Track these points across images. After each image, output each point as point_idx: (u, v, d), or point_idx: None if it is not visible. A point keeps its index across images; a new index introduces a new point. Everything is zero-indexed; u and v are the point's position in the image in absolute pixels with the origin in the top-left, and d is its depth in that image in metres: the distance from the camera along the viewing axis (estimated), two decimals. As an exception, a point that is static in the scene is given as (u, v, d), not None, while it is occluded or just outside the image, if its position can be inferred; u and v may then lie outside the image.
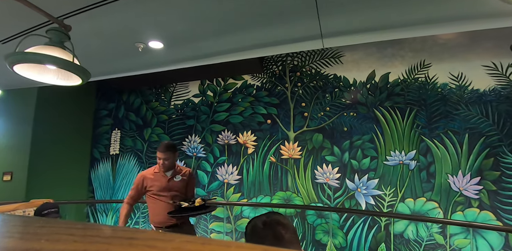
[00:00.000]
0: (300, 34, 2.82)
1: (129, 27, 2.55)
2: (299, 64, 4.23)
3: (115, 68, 3.40)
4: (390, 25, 2.69)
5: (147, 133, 4.65)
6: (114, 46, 2.88)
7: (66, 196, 4.25)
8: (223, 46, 3.05)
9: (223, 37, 2.85)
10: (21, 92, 4.04)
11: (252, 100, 4.28)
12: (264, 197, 3.91)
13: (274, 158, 3.98)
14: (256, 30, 2.77)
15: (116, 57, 3.09)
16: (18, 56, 1.63)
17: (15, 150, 3.88)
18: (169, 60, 3.20)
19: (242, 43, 2.99)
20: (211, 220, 4.03)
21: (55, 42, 1.84)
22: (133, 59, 3.14)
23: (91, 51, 2.98)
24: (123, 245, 0.36)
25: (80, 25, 2.48)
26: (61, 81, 1.99)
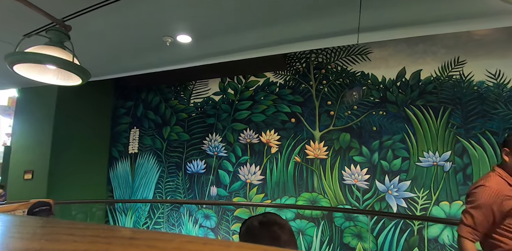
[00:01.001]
0: (336, 29, 2.70)
1: (158, 19, 2.44)
2: (323, 61, 4.09)
3: (139, 64, 3.30)
4: (432, 19, 2.55)
5: (166, 132, 4.56)
6: (140, 41, 2.79)
7: (86, 195, 4.18)
8: (252, 41, 2.94)
9: (253, 31, 2.74)
10: (41, 90, 3.98)
11: (275, 98, 4.16)
12: (288, 198, 3.79)
13: (299, 158, 3.86)
14: (289, 24, 2.65)
15: (141, 52, 3.00)
16: (18, 56, 1.62)
17: (36, 149, 3.82)
18: (196, 55, 3.09)
19: (272, 37, 2.88)
20: (233, 221, 3.93)
21: (55, 42, 1.83)
22: (159, 55, 3.05)
23: (114, 46, 2.90)
24: (123, 245, 0.36)
25: (104, 19, 2.39)
26: (61, 81, 1.98)
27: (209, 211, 4.07)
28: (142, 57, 3.12)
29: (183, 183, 4.29)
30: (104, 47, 2.94)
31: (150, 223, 4.31)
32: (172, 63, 3.26)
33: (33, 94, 4.03)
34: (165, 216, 4.26)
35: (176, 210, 4.22)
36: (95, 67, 3.45)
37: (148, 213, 4.36)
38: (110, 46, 2.91)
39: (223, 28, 2.63)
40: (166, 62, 3.24)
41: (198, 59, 3.15)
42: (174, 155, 4.43)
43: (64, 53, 1.79)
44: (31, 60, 1.65)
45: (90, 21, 2.42)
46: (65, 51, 1.82)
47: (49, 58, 1.64)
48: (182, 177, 4.32)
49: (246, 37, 2.83)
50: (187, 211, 4.17)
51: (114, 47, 2.92)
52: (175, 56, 3.07)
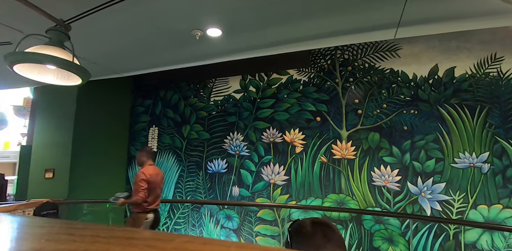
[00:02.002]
0: (374, 23, 2.56)
1: (187, 12, 2.32)
2: (350, 58, 3.95)
3: (165, 60, 3.20)
4: (474, 14, 2.40)
5: (186, 130, 4.47)
6: (167, 35, 2.67)
7: (105, 194, 4.10)
8: (284, 35, 2.81)
9: (286, 25, 2.61)
10: (61, 88, 3.88)
11: (299, 96, 4.03)
12: (314, 199, 3.67)
13: (325, 158, 3.73)
14: (324, 19, 2.52)
15: (168, 47, 2.89)
16: (18, 56, 1.62)
17: (57, 147, 3.75)
18: (224, 50, 2.98)
19: (305, 32, 2.75)
20: (257, 223, 3.82)
21: (55, 42, 1.83)
22: (186, 50, 2.94)
23: (140, 41, 2.79)
24: (123, 245, 0.36)
25: (130, 13, 2.29)
26: (61, 81, 1.98)
27: (231, 211, 3.97)
28: (168, 53, 3.02)
29: (203, 183, 4.19)
30: (128, 42, 2.84)
31: (170, 224, 4.23)
32: (200, 58, 3.16)
33: (53, 92, 3.96)
34: (186, 216, 4.17)
35: (196, 210, 4.13)
36: (118, 63, 3.38)
37: (167, 213, 4.27)
38: (135, 41, 2.81)
39: (255, 21, 2.51)
40: (193, 57, 3.13)
41: (227, 54, 3.04)
42: (194, 154, 4.33)
43: (64, 53, 1.79)
44: (31, 60, 1.65)
45: (112, 16, 2.32)
46: (65, 51, 1.82)
47: (49, 58, 1.64)
48: (202, 176, 4.22)
49: (278, 32, 2.71)
50: (208, 211, 4.08)
51: (139, 42, 2.82)
52: (203, 51, 2.96)
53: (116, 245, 0.37)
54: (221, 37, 2.68)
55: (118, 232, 0.43)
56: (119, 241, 0.38)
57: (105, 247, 0.36)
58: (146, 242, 0.37)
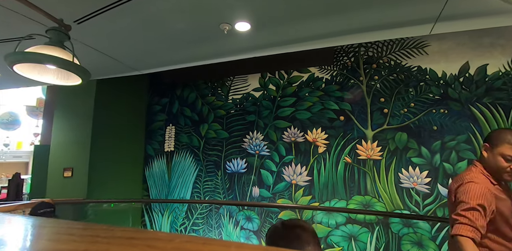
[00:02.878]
0: (413, 17, 2.43)
1: (218, 3, 2.22)
2: (374, 56, 3.83)
3: (190, 55, 3.11)
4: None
5: (203, 129, 4.38)
6: (195, 29, 2.57)
7: (122, 194, 4.05)
8: (314, 30, 2.70)
9: (317, 19, 2.50)
10: (80, 86, 3.84)
11: (321, 94, 3.92)
12: (339, 201, 3.55)
13: (349, 158, 3.61)
14: (358, 13, 2.41)
15: (195, 42, 2.78)
16: (18, 56, 1.62)
17: (76, 146, 3.69)
18: (250, 46, 2.88)
19: (337, 27, 2.63)
20: (278, 225, 3.71)
21: (55, 42, 1.84)
22: (211, 45, 2.84)
23: (166, 37, 2.70)
24: (123, 245, 0.36)
25: (155, 6, 2.20)
26: (61, 81, 1.99)
27: (251, 212, 3.88)
28: (193, 48, 2.92)
29: (222, 183, 4.10)
30: (152, 38, 2.75)
31: (188, 224, 4.15)
32: (224, 54, 3.06)
33: (71, 91, 3.90)
34: (204, 217, 4.08)
35: (215, 211, 4.04)
36: (139, 60, 3.29)
37: (185, 213, 4.19)
38: (160, 37, 2.72)
39: (286, 14, 2.40)
40: (217, 53, 3.03)
41: (252, 50, 2.94)
42: (212, 153, 4.24)
43: (64, 53, 1.80)
44: (31, 60, 1.65)
45: (136, 10, 2.23)
46: (65, 51, 1.83)
47: (49, 58, 1.65)
48: (221, 176, 4.13)
49: (308, 26, 2.60)
50: (227, 212, 3.99)
51: (163, 38, 2.73)
52: (229, 47, 2.86)
53: (116, 245, 0.37)
54: (249, 31, 2.58)
55: (118, 232, 0.42)
56: (119, 241, 0.38)
57: (105, 247, 0.36)
58: (146, 242, 0.37)
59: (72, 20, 2.33)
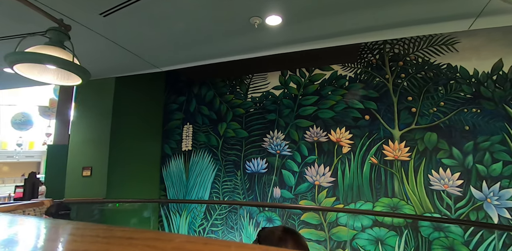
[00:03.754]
0: (454, 12, 2.30)
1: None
2: (401, 53, 3.70)
3: (214, 51, 3.00)
4: None
5: (222, 128, 4.29)
6: (224, 23, 2.46)
7: (140, 194, 3.97)
8: (347, 25, 2.58)
9: (353, 13, 2.38)
10: (98, 84, 3.78)
11: (344, 93, 3.80)
12: (364, 203, 3.43)
13: (375, 159, 3.49)
14: (397, 6, 2.29)
15: (222, 37, 2.67)
16: (17, 56, 1.62)
17: (95, 144, 3.62)
18: (279, 41, 2.76)
19: (372, 22, 2.51)
20: (300, 226, 3.61)
21: (55, 42, 1.84)
22: (239, 40, 2.72)
23: (192, 32, 2.59)
24: (123, 245, 0.37)
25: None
26: (61, 81, 1.99)
27: (272, 214, 3.77)
28: (220, 44, 2.81)
29: (242, 183, 4.00)
30: (177, 33, 2.65)
31: (206, 225, 4.06)
32: (251, 50, 2.95)
33: (89, 88, 3.83)
34: (223, 218, 3.99)
35: (234, 212, 3.95)
36: (161, 56, 3.20)
37: (204, 214, 4.11)
38: (185, 32, 2.62)
39: (321, 8, 2.28)
40: (244, 49, 2.92)
41: (281, 45, 2.83)
42: (231, 153, 4.15)
43: (64, 53, 1.80)
44: (31, 60, 1.64)
45: (161, 3, 2.14)
46: (65, 51, 1.82)
47: (49, 58, 1.65)
48: (240, 176, 4.03)
49: (342, 21, 2.48)
50: (247, 213, 3.89)
51: (189, 33, 2.63)
52: (257, 42, 2.75)
53: (116, 245, 0.37)
54: (280, 26, 2.47)
55: (118, 232, 0.43)
56: (119, 241, 0.38)
57: (105, 247, 0.36)
58: (146, 242, 0.37)
59: (98, 12, 2.24)
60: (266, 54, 2.95)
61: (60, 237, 0.44)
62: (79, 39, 2.65)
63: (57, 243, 0.39)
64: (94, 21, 2.35)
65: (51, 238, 0.43)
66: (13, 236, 0.44)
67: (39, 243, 0.38)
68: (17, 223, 0.55)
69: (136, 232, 0.43)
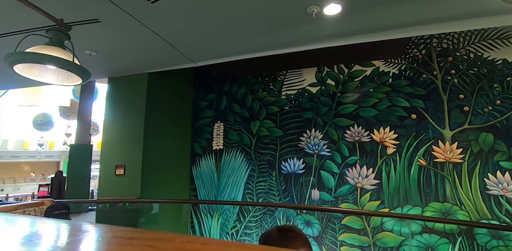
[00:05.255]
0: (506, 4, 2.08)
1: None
2: (449, 48, 3.47)
3: (260, 44, 2.84)
4: None
5: (255, 126, 4.12)
6: (278, 13, 2.28)
7: (171, 194, 3.84)
8: (407, 16, 2.38)
9: (415, 4, 2.19)
10: (130, 80, 3.67)
11: (388, 90, 3.59)
12: (412, 207, 3.23)
13: (424, 161, 3.28)
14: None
15: (273, 28, 2.50)
16: (18, 56, 1.63)
17: (128, 142, 3.50)
18: (334, 33, 2.60)
19: (427, 14, 2.31)
20: (341, 231, 3.42)
21: (55, 42, 1.84)
22: (291, 31, 2.55)
23: (240, 22, 2.43)
24: (123, 245, 0.37)
25: None
26: (61, 81, 1.98)
27: (311, 217, 3.60)
28: (268, 36, 2.65)
29: (277, 184, 3.84)
30: (223, 24, 2.49)
31: (239, 227, 3.91)
32: (300, 43, 2.78)
33: (122, 84, 3.71)
34: (257, 220, 3.83)
35: (270, 214, 3.78)
36: (201, 50, 3.06)
37: (237, 215, 3.95)
38: (232, 23, 2.46)
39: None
40: (293, 42, 2.75)
41: (334, 38, 2.66)
42: (265, 153, 3.98)
43: (64, 53, 1.80)
44: (31, 60, 1.65)
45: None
46: (65, 51, 1.83)
47: (49, 58, 1.66)
48: (276, 177, 3.86)
49: (403, 11, 2.29)
50: (284, 215, 3.72)
51: (236, 23, 2.47)
52: (309, 34, 2.58)
53: (116, 245, 0.38)
54: (338, 15, 2.29)
55: (118, 232, 0.43)
56: (119, 241, 0.39)
57: (106, 247, 0.38)
58: (146, 242, 0.37)
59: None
60: (316, 47, 2.78)
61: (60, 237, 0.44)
62: (123, 30, 2.53)
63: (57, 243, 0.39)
64: (141, 9, 2.20)
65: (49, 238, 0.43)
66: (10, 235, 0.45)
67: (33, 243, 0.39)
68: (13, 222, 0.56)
69: (136, 232, 0.44)
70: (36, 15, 2.01)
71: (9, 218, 0.65)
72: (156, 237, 0.40)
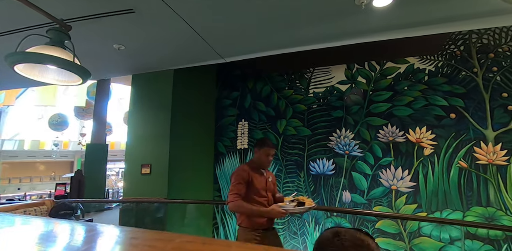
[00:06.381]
0: None
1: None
2: (490, 43, 3.29)
3: (300, 37, 2.69)
4: None
5: (281, 125, 3.99)
6: (324, 4, 2.15)
7: (195, 194, 3.74)
8: (458, 9, 2.23)
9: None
10: (155, 77, 3.57)
11: (423, 88, 3.43)
12: (452, 212, 3.06)
13: (464, 163, 3.11)
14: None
15: (317, 20, 2.35)
16: (18, 56, 1.63)
17: (154, 140, 3.41)
18: (382, 26, 2.44)
19: (479, 7, 2.15)
20: (375, 235, 3.27)
21: (55, 42, 1.84)
22: (336, 24, 2.41)
23: (283, 14, 2.30)
24: (123, 244, 0.39)
25: None
26: (61, 81, 1.99)
27: (342, 220, 3.46)
28: (311, 28, 2.50)
29: (305, 185, 3.70)
30: (264, 16, 2.36)
31: (266, 229, 3.78)
32: (341, 37, 2.64)
33: (147, 81, 3.62)
34: (285, 222, 3.70)
35: (298, 216, 3.65)
36: (232, 44, 2.94)
37: (263, 217, 3.82)
38: (274, 16, 2.33)
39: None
40: (336, 35, 2.61)
41: (381, 31, 2.51)
42: (292, 152, 3.85)
43: (65, 53, 1.80)
44: (32, 60, 1.66)
45: None
46: (66, 51, 1.82)
47: (49, 58, 1.66)
48: (304, 178, 3.73)
49: (455, 4, 2.13)
50: (313, 218, 3.59)
51: (278, 16, 2.34)
52: (354, 27, 2.44)
53: (117, 244, 0.39)
54: (388, 7, 2.15)
55: (119, 232, 0.47)
56: (120, 241, 0.40)
57: (106, 246, 0.39)
58: (146, 242, 0.38)
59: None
60: (359, 41, 2.65)
61: (60, 236, 0.47)
62: (156, 22, 2.42)
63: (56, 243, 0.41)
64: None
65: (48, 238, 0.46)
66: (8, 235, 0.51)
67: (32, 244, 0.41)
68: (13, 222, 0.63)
69: (136, 232, 0.46)
70: (37, 14, 1.95)
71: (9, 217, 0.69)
72: (156, 237, 0.41)
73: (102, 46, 2.91)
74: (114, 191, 11.74)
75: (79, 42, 2.81)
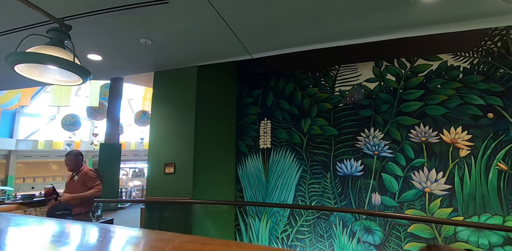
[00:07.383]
0: None
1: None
2: (531, 40, 3.12)
3: (337, 32, 2.59)
4: None
5: (305, 124, 3.88)
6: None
7: (217, 194, 3.64)
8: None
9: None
10: (178, 74, 3.49)
11: (458, 86, 3.28)
12: (491, 216, 2.91)
13: (504, 165, 2.95)
14: None
15: (359, 12, 2.24)
16: (19, 56, 1.64)
17: (178, 138, 3.32)
18: (431, 20, 2.33)
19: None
20: (407, 239, 3.14)
21: (55, 42, 1.85)
22: (378, 16, 2.29)
23: (317, 5, 2.19)
24: (123, 244, 0.39)
25: None
26: (61, 81, 2.00)
27: (372, 223, 3.32)
28: (351, 21, 2.40)
29: (332, 187, 3.58)
30: (298, 9, 2.25)
31: (290, 231, 3.67)
32: (383, 31, 2.53)
33: (170, 78, 3.53)
34: (311, 225, 3.58)
35: (324, 218, 3.53)
36: (262, 40, 2.84)
37: (288, 219, 3.72)
38: (310, 8, 2.23)
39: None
40: (381, 29, 2.49)
41: (430, 25, 2.38)
42: (318, 153, 3.73)
43: (65, 53, 1.81)
44: (32, 60, 1.67)
45: None
46: (66, 51, 1.83)
47: (50, 58, 1.66)
48: (330, 179, 3.61)
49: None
50: (340, 221, 3.46)
51: (317, 9, 2.23)
52: (399, 20, 2.32)
53: (117, 244, 0.40)
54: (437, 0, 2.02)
55: (120, 232, 0.46)
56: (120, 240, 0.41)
57: (106, 246, 0.39)
58: (146, 242, 0.39)
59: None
60: (402, 36, 2.54)
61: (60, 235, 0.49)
62: (187, 13, 2.33)
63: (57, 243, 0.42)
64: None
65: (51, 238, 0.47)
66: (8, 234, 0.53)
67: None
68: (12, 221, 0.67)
69: (137, 232, 0.46)
70: (36, 13, 1.92)
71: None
72: (157, 237, 0.41)
73: (128, 41, 2.83)
74: (127, 191, 11.74)
75: (103, 39, 2.77)
